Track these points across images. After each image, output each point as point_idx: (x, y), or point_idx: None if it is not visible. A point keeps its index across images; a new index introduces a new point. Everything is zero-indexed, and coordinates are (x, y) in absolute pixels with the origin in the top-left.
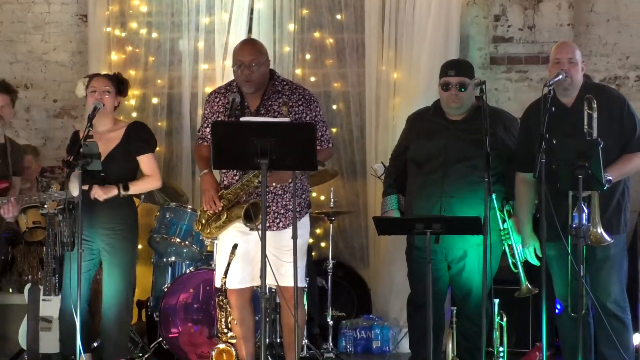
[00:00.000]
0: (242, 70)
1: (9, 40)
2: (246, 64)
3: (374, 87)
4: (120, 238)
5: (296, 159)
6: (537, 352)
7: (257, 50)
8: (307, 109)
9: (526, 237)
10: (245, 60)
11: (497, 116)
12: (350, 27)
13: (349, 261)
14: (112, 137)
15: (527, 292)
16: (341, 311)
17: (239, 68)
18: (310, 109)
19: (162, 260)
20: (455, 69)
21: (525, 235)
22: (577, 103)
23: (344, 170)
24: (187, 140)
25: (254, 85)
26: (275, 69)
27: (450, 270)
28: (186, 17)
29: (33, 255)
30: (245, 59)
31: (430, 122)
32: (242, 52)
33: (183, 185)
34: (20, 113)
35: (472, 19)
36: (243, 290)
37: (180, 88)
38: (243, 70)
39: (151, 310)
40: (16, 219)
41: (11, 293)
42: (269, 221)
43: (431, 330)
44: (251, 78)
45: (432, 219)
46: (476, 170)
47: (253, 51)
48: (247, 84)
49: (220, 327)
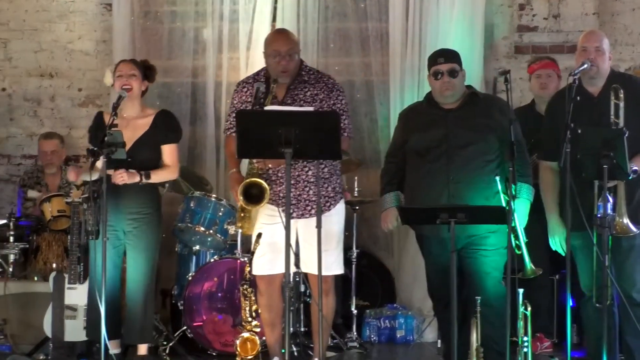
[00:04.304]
0: (278, 60)
1: (33, 29)
2: (283, 54)
3: (399, 76)
4: (143, 223)
5: (320, 148)
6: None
7: (292, 40)
8: (327, 97)
9: (552, 226)
10: (282, 50)
11: (492, 101)
12: (374, 15)
13: (373, 250)
14: (140, 123)
15: (531, 273)
16: (365, 300)
17: (275, 58)
18: (330, 97)
19: (187, 249)
20: (444, 56)
21: (551, 224)
22: (604, 92)
23: (368, 159)
24: (211, 129)
25: (290, 75)
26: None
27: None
28: (210, 6)
29: (58, 244)
30: (282, 49)
31: (426, 114)
32: (278, 42)
33: (207, 174)
34: (45, 102)
35: (497, 8)
36: (272, 277)
37: (205, 77)
38: (280, 60)
39: (175, 299)
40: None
41: (36, 281)
42: (301, 209)
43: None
44: (288, 68)
45: (456, 209)
46: (480, 154)
47: (289, 41)
48: (284, 74)
49: (244, 316)
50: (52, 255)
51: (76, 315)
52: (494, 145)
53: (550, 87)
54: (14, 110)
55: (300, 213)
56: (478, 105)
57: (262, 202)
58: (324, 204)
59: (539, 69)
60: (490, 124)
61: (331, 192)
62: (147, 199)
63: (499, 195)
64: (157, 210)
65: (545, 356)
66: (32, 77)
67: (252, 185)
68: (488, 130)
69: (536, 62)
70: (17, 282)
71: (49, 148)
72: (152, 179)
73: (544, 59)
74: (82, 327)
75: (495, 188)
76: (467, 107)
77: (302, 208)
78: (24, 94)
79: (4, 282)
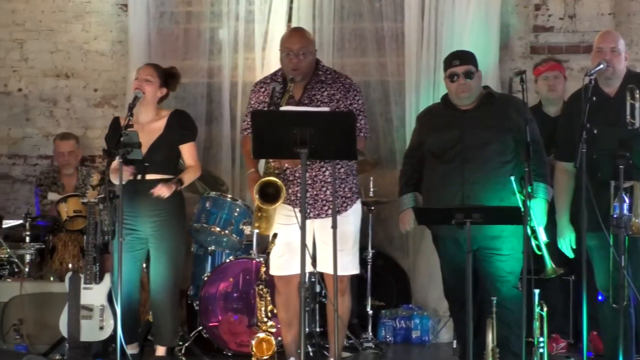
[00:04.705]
0: (290, 58)
1: (50, 29)
2: (295, 51)
3: (414, 76)
4: (165, 224)
5: (335, 149)
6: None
7: (305, 39)
8: (344, 97)
9: (562, 227)
10: (294, 48)
11: (508, 101)
12: (389, 15)
13: (388, 251)
14: (154, 127)
15: (552, 272)
16: (381, 301)
17: (287, 56)
18: (347, 97)
19: (202, 250)
20: (460, 58)
21: (561, 225)
22: (620, 93)
23: (383, 159)
24: (226, 129)
25: (301, 73)
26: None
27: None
28: (226, 6)
29: (74, 244)
30: (294, 47)
31: (443, 115)
32: (290, 40)
33: (223, 174)
34: (61, 102)
35: (513, 8)
36: (289, 277)
37: (220, 77)
38: (291, 58)
39: (191, 299)
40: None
41: (52, 281)
42: (318, 209)
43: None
44: (299, 66)
45: (472, 209)
46: (496, 155)
47: (302, 39)
48: (294, 72)
49: (260, 316)
50: (68, 256)
51: (92, 316)
52: (510, 145)
53: (558, 88)
54: (30, 111)
55: (317, 213)
56: (494, 106)
57: (278, 202)
58: (340, 205)
59: (546, 71)
60: (506, 124)
61: (348, 192)
62: (166, 200)
63: (515, 195)
64: (177, 210)
65: (561, 357)
66: (48, 77)
67: (268, 184)
68: (504, 130)
69: (542, 65)
70: (33, 282)
71: (65, 149)
72: (185, 183)
73: (550, 61)
74: (98, 327)
75: (511, 188)
76: (483, 108)
77: (318, 208)
78: (40, 94)
79: (20, 282)
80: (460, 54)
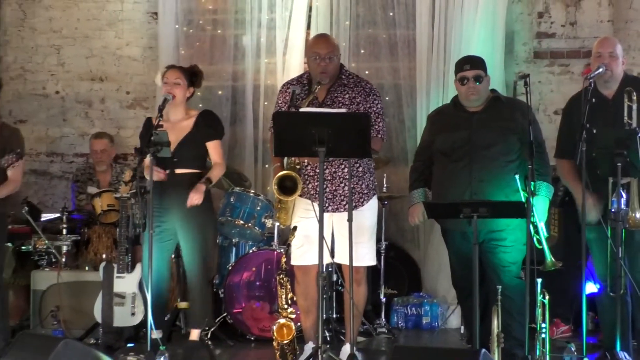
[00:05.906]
0: (318, 62)
1: (85, 36)
2: (323, 56)
3: (425, 80)
4: (193, 216)
5: (351, 147)
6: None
7: (332, 44)
8: (364, 100)
9: (589, 205)
10: (322, 52)
11: (514, 104)
12: (402, 23)
13: (400, 243)
14: (183, 125)
15: (551, 265)
16: (393, 289)
17: (315, 60)
18: (367, 101)
19: (227, 241)
20: (470, 63)
21: (588, 204)
22: (617, 95)
23: (396, 157)
24: (249, 129)
25: (329, 76)
26: None
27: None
28: (249, 14)
29: (107, 236)
30: (322, 52)
31: (452, 116)
32: (318, 45)
33: (246, 171)
34: (95, 104)
35: (517, 16)
36: (308, 267)
37: (244, 81)
38: (320, 62)
39: (216, 287)
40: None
41: (87, 271)
42: (336, 203)
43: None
44: (327, 69)
45: (478, 203)
46: (501, 155)
47: (329, 44)
48: (323, 75)
49: (280, 304)
50: (101, 247)
51: (124, 303)
52: (515, 146)
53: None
54: (67, 112)
55: (335, 207)
56: (501, 108)
57: (295, 194)
58: (357, 200)
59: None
60: (511, 126)
61: (365, 188)
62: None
63: (519, 193)
64: (206, 201)
65: (562, 342)
66: (84, 80)
67: (286, 177)
68: (509, 132)
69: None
70: (69, 272)
71: (100, 147)
72: (213, 181)
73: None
74: (130, 313)
75: (515, 186)
76: (490, 110)
77: (337, 202)
78: (76, 96)
79: (57, 271)
80: (470, 59)
